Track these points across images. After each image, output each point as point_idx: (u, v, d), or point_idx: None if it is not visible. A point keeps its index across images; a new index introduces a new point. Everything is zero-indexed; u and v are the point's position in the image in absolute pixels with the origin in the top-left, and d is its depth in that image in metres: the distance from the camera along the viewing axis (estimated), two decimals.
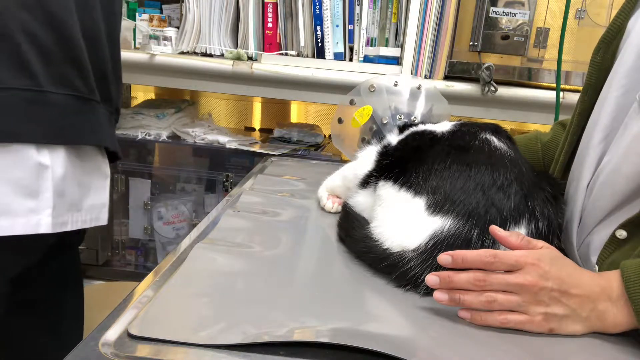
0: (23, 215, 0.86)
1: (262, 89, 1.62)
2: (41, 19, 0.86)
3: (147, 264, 1.86)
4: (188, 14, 1.64)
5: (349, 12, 1.58)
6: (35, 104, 0.86)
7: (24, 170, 0.85)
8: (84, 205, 1.00)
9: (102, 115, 1.01)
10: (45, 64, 0.87)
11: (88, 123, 0.97)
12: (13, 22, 0.83)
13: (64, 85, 0.90)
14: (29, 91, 0.85)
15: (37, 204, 0.87)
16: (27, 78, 0.85)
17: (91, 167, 1.02)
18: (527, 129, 1.94)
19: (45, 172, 0.87)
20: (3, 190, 0.83)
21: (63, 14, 0.89)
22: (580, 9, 1.51)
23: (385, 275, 0.71)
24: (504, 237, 0.63)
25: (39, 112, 0.87)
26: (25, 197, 0.85)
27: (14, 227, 0.85)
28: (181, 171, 1.86)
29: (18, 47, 0.84)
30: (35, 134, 0.86)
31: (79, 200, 0.98)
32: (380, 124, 1.10)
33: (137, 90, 2.14)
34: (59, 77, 0.90)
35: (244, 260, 0.74)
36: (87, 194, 1.01)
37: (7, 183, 0.84)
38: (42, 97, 0.87)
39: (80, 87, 0.93)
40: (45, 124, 0.88)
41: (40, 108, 0.87)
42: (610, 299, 0.61)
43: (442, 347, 0.57)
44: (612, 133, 0.74)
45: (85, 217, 1.02)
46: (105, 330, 0.55)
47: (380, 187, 0.80)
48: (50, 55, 0.88)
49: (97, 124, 1.00)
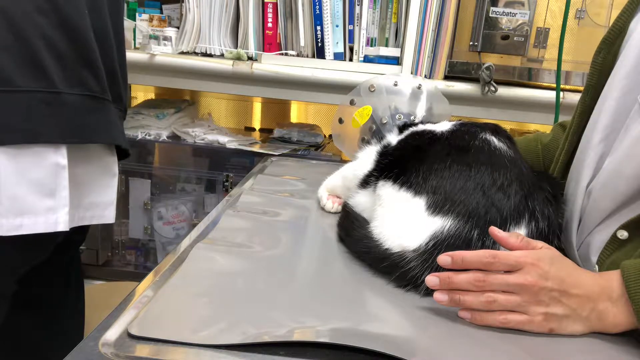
0: (43, 214, 0.88)
1: (262, 89, 1.62)
2: (56, 23, 0.88)
3: (147, 264, 1.86)
4: (188, 14, 1.64)
5: (349, 12, 1.58)
6: (52, 104, 0.88)
7: (42, 170, 0.87)
8: (90, 202, 1.02)
9: (113, 114, 1.03)
10: (60, 65, 0.89)
11: (102, 122, 0.99)
12: (30, 27, 0.85)
13: (78, 86, 0.92)
14: (46, 93, 0.87)
15: (55, 202, 0.89)
16: (43, 80, 0.87)
17: (100, 165, 1.03)
18: (527, 129, 1.94)
19: (62, 171, 0.90)
20: (24, 189, 0.86)
21: (76, 17, 0.91)
22: (580, 9, 1.51)
23: (386, 276, 0.71)
24: (503, 238, 0.64)
25: (55, 113, 0.89)
26: (44, 196, 0.88)
27: (36, 225, 0.87)
28: (181, 171, 1.86)
29: (35, 51, 0.86)
30: (53, 134, 0.88)
31: (86, 198, 1.00)
32: (380, 123, 1.10)
33: (137, 90, 2.14)
34: (74, 77, 0.92)
35: (244, 260, 0.74)
36: (94, 191, 1.02)
37: (28, 183, 0.86)
38: (58, 98, 0.89)
39: (93, 87, 0.95)
40: (61, 124, 0.89)
41: (57, 109, 0.89)
42: (610, 299, 0.61)
43: (442, 347, 0.57)
44: (612, 133, 0.74)
45: (91, 214, 1.03)
46: (105, 330, 0.55)
47: (380, 187, 0.80)
48: (65, 57, 0.90)
49: (110, 122, 1.01)
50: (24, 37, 0.85)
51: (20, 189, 0.85)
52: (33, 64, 0.86)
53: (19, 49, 0.84)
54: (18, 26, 0.84)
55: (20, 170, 0.85)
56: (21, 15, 0.84)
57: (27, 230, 0.86)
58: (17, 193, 0.85)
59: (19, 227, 0.85)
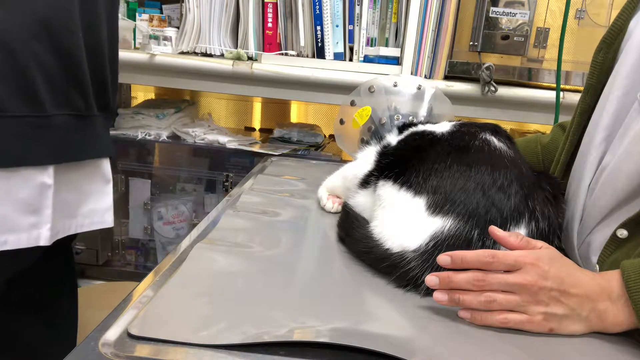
0: (26, 230, 0.91)
1: (262, 89, 1.62)
2: (50, 48, 0.89)
3: (147, 264, 1.86)
4: (188, 14, 1.64)
5: (349, 12, 1.58)
6: (41, 128, 0.90)
7: (29, 190, 0.90)
8: (81, 211, 1.03)
9: (99, 126, 1.05)
10: (51, 90, 0.91)
11: (88, 138, 1.01)
12: (26, 54, 0.86)
13: (66, 106, 0.94)
14: (36, 117, 0.89)
15: (38, 219, 0.92)
16: (34, 104, 0.89)
17: (91, 174, 1.05)
18: (527, 129, 1.94)
19: (48, 190, 0.92)
20: (10, 209, 0.89)
21: (70, 40, 0.92)
22: (580, 9, 1.51)
23: (386, 276, 0.71)
24: (503, 237, 0.64)
25: (43, 136, 0.91)
26: (28, 214, 0.91)
27: (19, 241, 0.91)
28: (181, 171, 1.86)
29: (30, 78, 0.87)
30: (40, 157, 0.91)
31: (75, 207, 1.02)
32: (379, 124, 1.10)
33: (137, 90, 2.14)
34: (62, 98, 0.93)
35: (244, 260, 0.74)
36: (86, 199, 1.04)
37: (14, 202, 0.89)
38: (47, 121, 0.91)
39: (80, 107, 0.97)
40: (49, 146, 0.92)
41: (45, 131, 0.91)
42: (610, 299, 0.61)
43: (441, 347, 0.57)
44: (613, 133, 0.74)
45: (90, 220, 1.05)
46: (105, 330, 0.55)
47: (380, 187, 0.80)
48: (55, 79, 0.91)
49: (96, 136, 1.04)
50: (20, 65, 0.86)
51: (7, 208, 0.88)
52: (26, 90, 0.87)
53: (13, 76, 0.86)
54: (14, 53, 0.85)
55: (7, 191, 0.88)
56: (17, 42, 0.85)
57: (11, 246, 0.89)
58: (4, 212, 0.88)
59: (4, 244, 0.89)
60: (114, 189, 1.75)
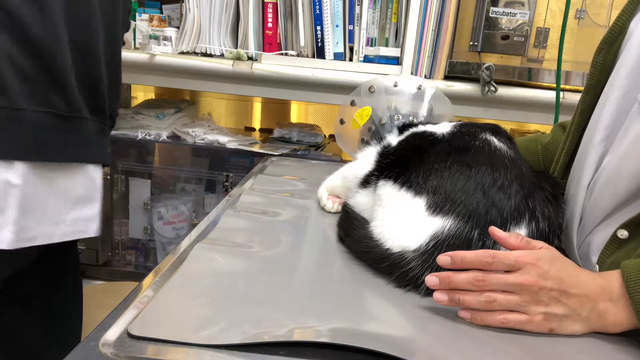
0: None
1: (262, 89, 1.62)
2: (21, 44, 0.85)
3: (147, 264, 1.86)
4: (188, 14, 1.64)
5: (349, 12, 1.58)
6: (9, 121, 0.86)
7: None
8: (67, 217, 0.99)
9: (89, 130, 1.00)
10: (22, 83, 0.87)
11: (69, 140, 0.96)
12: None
13: (43, 104, 0.90)
14: (6, 108, 0.85)
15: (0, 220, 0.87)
16: (3, 96, 0.85)
17: (78, 180, 1.00)
18: (527, 129, 1.94)
19: (12, 189, 0.87)
20: None
21: (47, 39, 0.88)
22: (580, 9, 1.51)
23: (386, 276, 0.71)
24: (503, 237, 0.64)
25: (12, 130, 0.86)
26: None
27: None
28: (181, 171, 1.86)
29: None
30: (4, 151, 0.86)
31: (59, 214, 0.97)
32: (379, 124, 1.10)
33: (137, 90, 2.14)
34: (37, 95, 0.89)
35: (244, 260, 0.74)
36: (73, 207, 1.00)
37: None
38: (16, 114, 0.86)
39: (59, 106, 0.93)
40: (18, 141, 0.87)
41: (14, 125, 0.86)
42: (610, 299, 0.61)
43: (441, 347, 0.57)
44: (613, 133, 0.74)
45: (74, 229, 1.01)
46: (105, 330, 0.55)
47: (381, 187, 0.80)
48: (30, 77, 0.88)
49: (81, 140, 0.99)
50: None
51: None
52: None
53: None
54: None
55: None
56: None
57: None
58: None
59: None
60: (114, 189, 1.76)
